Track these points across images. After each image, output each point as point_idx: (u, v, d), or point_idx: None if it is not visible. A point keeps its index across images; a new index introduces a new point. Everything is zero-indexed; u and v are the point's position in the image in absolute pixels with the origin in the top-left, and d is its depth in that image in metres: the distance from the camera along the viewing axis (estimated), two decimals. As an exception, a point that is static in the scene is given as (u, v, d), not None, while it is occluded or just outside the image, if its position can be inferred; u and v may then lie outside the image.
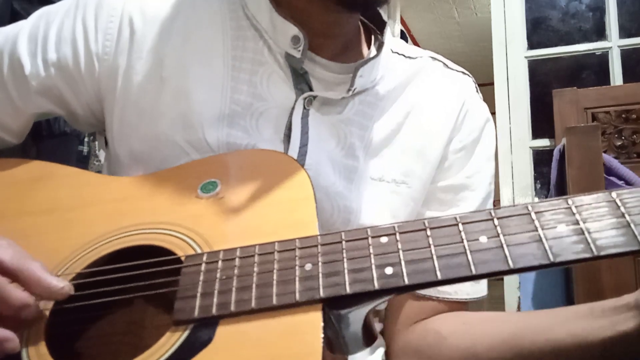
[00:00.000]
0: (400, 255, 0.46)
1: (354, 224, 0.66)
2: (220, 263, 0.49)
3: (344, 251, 0.47)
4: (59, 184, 0.65)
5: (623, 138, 1.96)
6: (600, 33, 2.40)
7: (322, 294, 0.45)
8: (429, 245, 0.46)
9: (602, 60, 2.37)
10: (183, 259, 0.51)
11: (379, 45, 0.72)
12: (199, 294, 0.47)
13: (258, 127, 0.65)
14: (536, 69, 2.44)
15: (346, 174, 0.67)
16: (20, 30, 0.70)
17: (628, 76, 2.30)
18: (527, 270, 0.44)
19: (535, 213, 0.46)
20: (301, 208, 0.54)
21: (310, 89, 0.68)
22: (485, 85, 1.91)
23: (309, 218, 0.52)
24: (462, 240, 0.46)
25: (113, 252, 0.55)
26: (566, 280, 1.63)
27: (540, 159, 2.34)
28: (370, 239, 0.48)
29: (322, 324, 0.44)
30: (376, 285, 0.45)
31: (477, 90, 0.78)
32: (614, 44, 2.36)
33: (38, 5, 0.80)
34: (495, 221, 0.46)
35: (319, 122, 0.67)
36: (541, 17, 2.49)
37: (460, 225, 0.47)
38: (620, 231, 0.43)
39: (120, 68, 0.67)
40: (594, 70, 2.39)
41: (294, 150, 0.65)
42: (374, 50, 0.74)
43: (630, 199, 0.45)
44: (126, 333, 0.56)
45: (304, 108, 0.66)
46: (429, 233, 0.47)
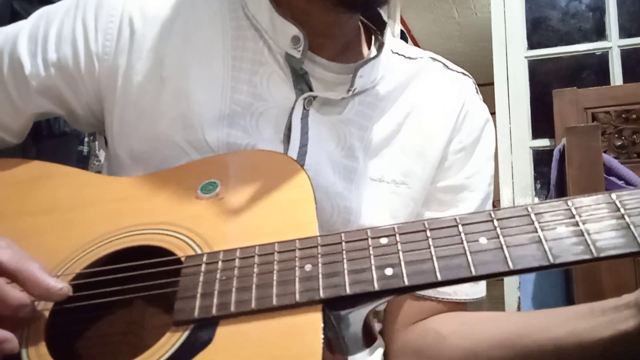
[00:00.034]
0: (400, 256, 0.46)
1: (353, 225, 0.66)
2: (220, 264, 0.49)
3: (344, 252, 0.47)
4: (59, 184, 0.65)
5: (623, 138, 1.96)
6: (600, 33, 2.40)
7: (322, 294, 0.45)
8: (429, 246, 0.46)
9: (602, 60, 2.37)
10: (183, 259, 0.51)
11: (379, 46, 0.72)
12: (199, 294, 0.47)
13: (258, 127, 0.65)
14: (536, 69, 2.44)
15: (346, 174, 0.67)
16: (20, 30, 0.70)
17: (628, 76, 2.30)
18: (527, 271, 0.44)
19: (535, 214, 0.46)
20: (301, 209, 0.54)
21: (310, 89, 0.68)
22: (485, 85, 1.91)
23: (309, 219, 0.52)
24: (462, 241, 0.46)
25: (113, 253, 0.55)
26: (566, 281, 1.63)
27: (540, 159, 2.34)
28: (370, 239, 0.48)
29: (322, 324, 0.44)
30: (376, 286, 0.45)
31: (477, 91, 0.78)
32: (614, 44, 2.36)
33: (38, 5, 0.80)
34: (495, 222, 0.46)
35: (319, 123, 0.67)
36: (541, 17, 2.48)
37: (460, 226, 0.47)
38: (620, 233, 0.43)
39: (120, 68, 0.67)
40: (594, 70, 2.39)
41: (293, 150, 0.65)
42: (374, 51, 0.74)
43: (630, 200, 0.45)
44: (126, 333, 0.56)
45: (304, 108, 0.66)
46: (428, 234, 0.47)
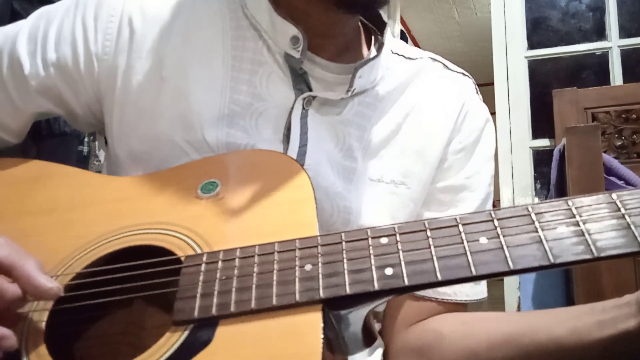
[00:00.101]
0: (400, 256, 0.46)
1: (353, 225, 0.66)
2: (220, 263, 0.49)
3: (344, 252, 0.47)
4: (59, 184, 0.65)
5: (623, 138, 1.96)
6: (600, 33, 2.40)
7: (322, 294, 0.45)
8: (429, 246, 0.46)
9: (602, 60, 2.37)
10: (183, 259, 0.51)
11: (379, 46, 0.72)
12: (199, 294, 0.47)
13: (257, 127, 0.65)
14: (536, 69, 2.44)
15: (345, 174, 0.67)
16: (20, 29, 0.70)
17: (628, 76, 2.30)
18: (527, 271, 0.44)
19: (535, 214, 0.46)
20: (301, 209, 0.54)
21: (310, 89, 0.68)
22: (485, 85, 1.91)
23: (309, 219, 0.52)
24: (462, 241, 0.46)
25: (113, 252, 0.55)
26: (566, 281, 1.63)
27: (540, 159, 2.34)
28: (370, 239, 0.48)
29: (322, 324, 0.44)
30: (376, 286, 0.45)
31: (477, 92, 0.78)
32: (614, 44, 2.36)
33: (38, 5, 0.80)
34: (496, 222, 0.46)
35: (318, 123, 0.67)
36: (541, 17, 2.49)
37: (460, 226, 0.47)
38: (620, 232, 0.43)
39: (119, 68, 0.67)
40: (594, 70, 2.39)
41: (293, 150, 0.65)
42: (374, 51, 0.74)
43: (630, 200, 0.45)
44: (126, 333, 0.56)
45: (303, 108, 0.66)
46: (429, 234, 0.47)
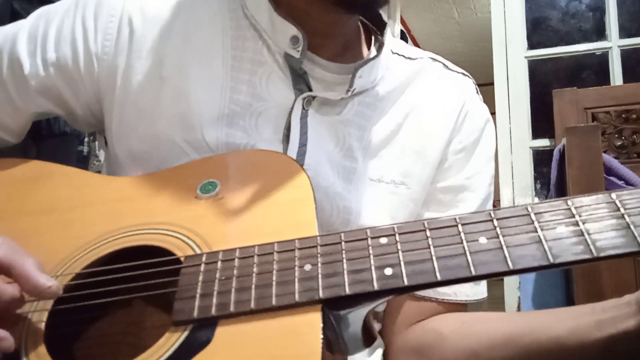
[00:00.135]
0: (399, 256, 0.46)
1: (353, 225, 0.66)
2: (219, 264, 0.49)
3: (344, 252, 0.47)
4: (59, 184, 0.65)
5: (623, 138, 1.96)
6: (600, 33, 2.40)
7: (322, 294, 0.45)
8: (429, 246, 0.46)
9: (602, 60, 2.37)
10: (182, 259, 0.51)
11: (379, 46, 0.72)
12: (198, 294, 0.47)
13: (257, 127, 0.65)
14: (536, 69, 2.44)
15: (345, 174, 0.67)
16: (20, 29, 0.70)
17: (628, 76, 2.30)
18: (527, 271, 0.44)
19: (535, 214, 0.46)
20: (301, 209, 0.54)
21: (310, 89, 0.68)
22: (485, 85, 1.91)
23: (309, 219, 0.52)
24: (462, 241, 0.46)
25: (112, 253, 0.55)
26: (566, 281, 1.63)
27: (540, 159, 2.34)
28: (369, 239, 0.48)
29: (322, 324, 0.44)
30: (376, 286, 0.45)
31: (477, 92, 0.78)
32: (614, 44, 2.36)
33: (38, 5, 0.80)
34: (495, 222, 0.46)
35: (318, 123, 0.67)
36: (541, 17, 2.49)
37: (459, 226, 0.47)
38: (620, 232, 0.43)
39: (119, 68, 0.67)
40: (594, 70, 2.39)
41: (293, 150, 0.64)
42: (374, 51, 0.74)
43: (630, 200, 0.45)
44: (125, 333, 0.56)
45: (303, 108, 0.66)
46: (428, 234, 0.47)
